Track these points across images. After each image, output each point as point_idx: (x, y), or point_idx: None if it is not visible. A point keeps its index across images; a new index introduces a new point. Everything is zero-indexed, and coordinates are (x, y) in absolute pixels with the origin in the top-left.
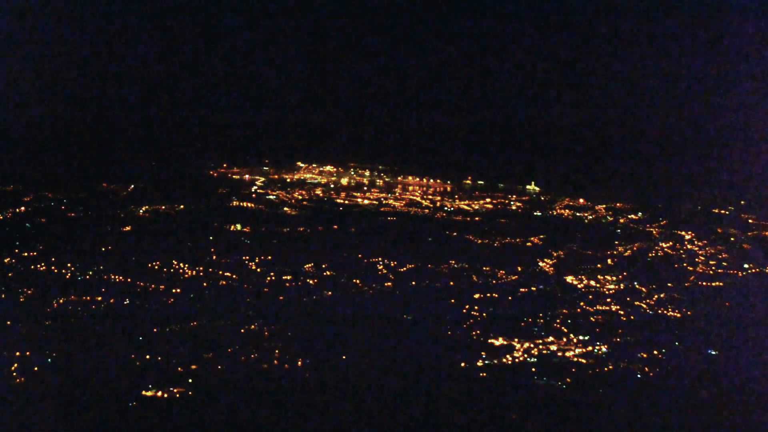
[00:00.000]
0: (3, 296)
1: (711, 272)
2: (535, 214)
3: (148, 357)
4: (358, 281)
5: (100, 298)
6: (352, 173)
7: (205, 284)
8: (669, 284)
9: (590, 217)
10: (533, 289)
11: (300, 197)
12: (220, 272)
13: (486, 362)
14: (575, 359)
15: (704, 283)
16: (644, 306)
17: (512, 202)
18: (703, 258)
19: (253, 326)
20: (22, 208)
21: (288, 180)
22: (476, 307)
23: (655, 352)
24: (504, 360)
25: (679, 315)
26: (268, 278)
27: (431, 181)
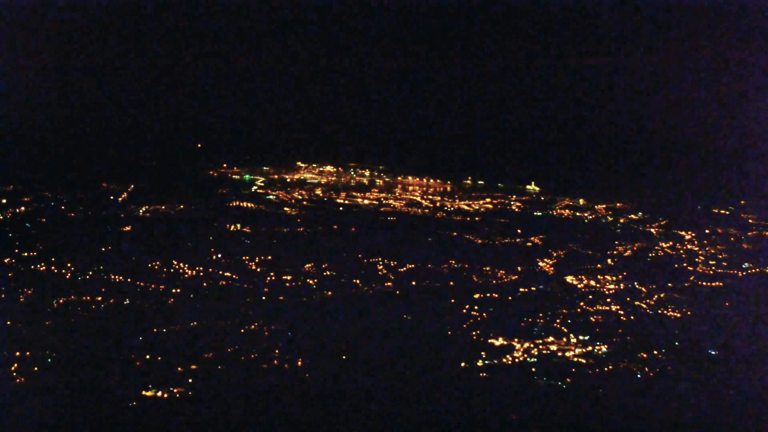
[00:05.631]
0: (3, 296)
1: (711, 272)
2: (535, 214)
3: (148, 357)
4: (358, 281)
5: (100, 298)
6: (352, 173)
7: (205, 284)
8: (669, 284)
9: (590, 217)
10: (533, 289)
11: (300, 197)
12: (220, 272)
13: (486, 362)
14: (575, 359)
15: (704, 283)
16: (644, 306)
17: (512, 202)
18: (703, 258)
19: (253, 326)
20: (22, 208)
21: (288, 180)
22: (476, 307)
23: (655, 352)
24: (504, 360)
25: (679, 315)
26: (268, 278)
27: (431, 181)
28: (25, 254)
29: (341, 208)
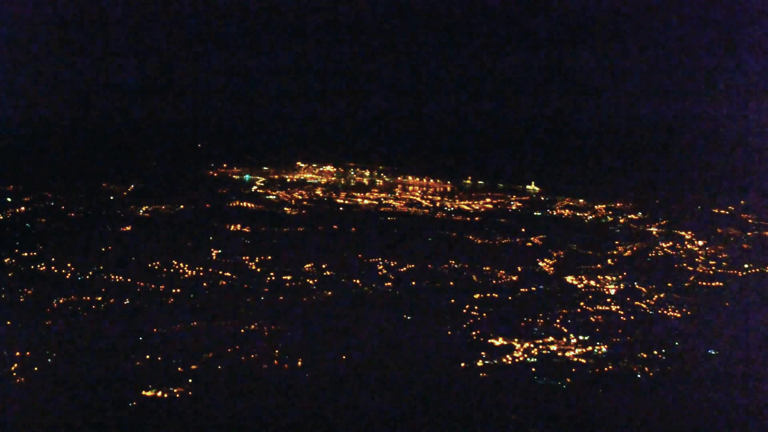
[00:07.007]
0: (3, 296)
1: (711, 272)
2: (535, 214)
3: (148, 357)
4: (358, 281)
5: (100, 298)
6: (352, 173)
7: (205, 284)
8: (669, 284)
9: (590, 217)
10: (533, 289)
11: (300, 197)
12: (220, 272)
13: (486, 362)
14: (575, 359)
15: (704, 283)
16: (644, 306)
17: (512, 202)
18: (703, 258)
19: (253, 326)
20: (22, 208)
21: (288, 180)
22: (476, 307)
23: (655, 352)
24: (504, 360)
25: (679, 315)
26: (268, 278)
27: (431, 181)
28: (25, 254)
29: (341, 208)
